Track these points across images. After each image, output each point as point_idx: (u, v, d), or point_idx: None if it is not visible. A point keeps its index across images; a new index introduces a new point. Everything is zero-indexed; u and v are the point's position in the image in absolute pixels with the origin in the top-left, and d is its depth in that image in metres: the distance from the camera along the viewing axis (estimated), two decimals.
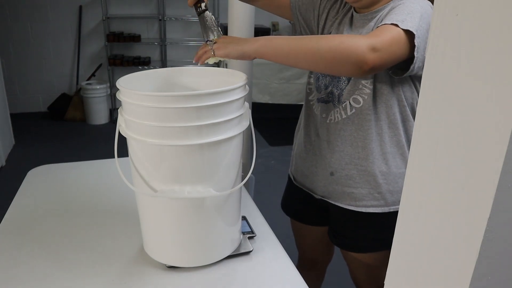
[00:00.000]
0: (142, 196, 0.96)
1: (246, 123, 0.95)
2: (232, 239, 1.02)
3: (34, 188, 1.34)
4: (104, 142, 3.64)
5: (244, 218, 1.14)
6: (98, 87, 4.15)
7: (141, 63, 4.29)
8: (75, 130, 4.08)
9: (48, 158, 3.10)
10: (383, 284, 0.47)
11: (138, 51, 4.46)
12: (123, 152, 0.97)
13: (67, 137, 3.91)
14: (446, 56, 0.35)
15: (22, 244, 1.05)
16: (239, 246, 1.04)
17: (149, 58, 4.41)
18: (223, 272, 0.97)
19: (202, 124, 0.84)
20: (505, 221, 0.33)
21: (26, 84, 4.36)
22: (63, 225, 1.14)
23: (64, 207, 1.24)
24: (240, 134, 0.93)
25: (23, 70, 4.30)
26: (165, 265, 0.98)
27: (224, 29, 1.81)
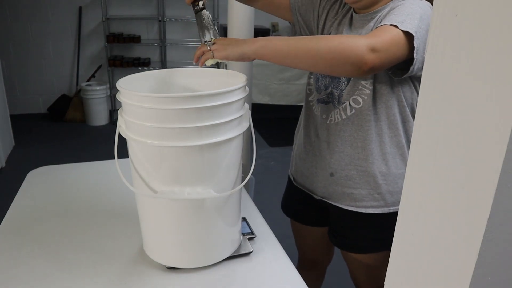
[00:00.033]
0: (142, 197, 0.96)
1: (246, 124, 0.95)
2: (232, 240, 1.02)
3: (34, 189, 1.34)
4: (104, 143, 3.64)
5: (244, 219, 1.14)
6: (98, 88, 4.15)
7: (141, 64, 4.29)
8: (75, 131, 4.08)
9: (48, 159, 3.11)
10: (383, 284, 0.47)
11: (138, 52, 4.47)
12: (123, 153, 0.97)
13: (67, 138, 3.91)
14: (446, 56, 0.35)
15: (22, 245, 1.05)
16: (239, 247, 1.04)
17: (149, 59, 4.41)
18: (223, 273, 0.97)
19: (202, 125, 0.84)
20: (505, 221, 0.33)
21: (26, 85, 4.37)
22: (63, 226, 1.14)
23: (64, 208, 1.24)
24: (240, 135, 0.93)
25: (23, 71, 4.31)
26: (165, 266, 0.98)
27: (224, 30, 1.81)
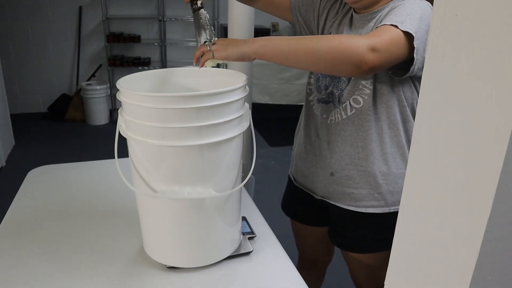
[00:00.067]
0: (142, 197, 0.96)
1: (246, 123, 0.95)
2: (232, 239, 1.02)
3: (34, 189, 1.34)
4: (104, 143, 3.64)
5: (244, 219, 1.14)
6: (98, 88, 4.15)
7: (141, 64, 4.29)
8: (75, 130, 4.08)
9: (48, 159, 3.11)
10: (383, 284, 0.47)
11: (138, 51, 4.47)
12: (123, 152, 0.97)
13: (67, 137, 3.91)
14: (446, 56, 0.35)
15: (22, 244, 1.05)
16: (239, 246, 1.04)
17: (149, 58, 4.41)
18: (223, 273, 0.97)
19: (202, 125, 0.84)
20: (505, 221, 0.33)
21: (26, 85, 4.37)
22: (63, 226, 1.14)
23: (64, 207, 1.24)
24: (240, 134, 0.93)
25: (23, 70, 4.31)
26: (165, 265, 0.98)
27: (224, 30, 1.81)
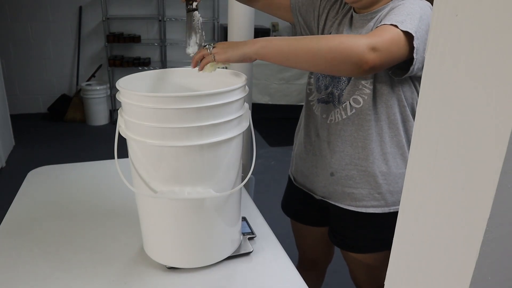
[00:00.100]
0: (142, 197, 0.96)
1: (246, 123, 0.95)
2: (232, 240, 1.02)
3: (34, 189, 1.34)
4: (104, 143, 3.64)
5: (244, 219, 1.14)
6: (98, 88, 4.15)
7: (141, 64, 4.29)
8: (75, 131, 4.08)
9: (48, 159, 3.11)
10: (383, 284, 0.47)
11: (138, 51, 4.47)
12: (123, 153, 0.97)
13: (67, 138, 3.91)
14: (446, 56, 0.35)
15: (22, 245, 1.05)
16: (239, 247, 1.04)
17: (149, 59, 4.41)
18: (223, 273, 0.97)
19: (202, 125, 0.84)
20: (505, 221, 0.33)
21: (26, 85, 4.37)
22: (63, 226, 1.14)
23: (64, 208, 1.24)
24: (240, 134, 0.93)
25: (23, 71, 4.31)
26: (165, 266, 0.98)
27: (224, 30, 1.81)
